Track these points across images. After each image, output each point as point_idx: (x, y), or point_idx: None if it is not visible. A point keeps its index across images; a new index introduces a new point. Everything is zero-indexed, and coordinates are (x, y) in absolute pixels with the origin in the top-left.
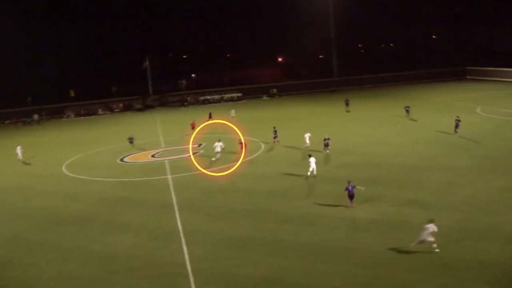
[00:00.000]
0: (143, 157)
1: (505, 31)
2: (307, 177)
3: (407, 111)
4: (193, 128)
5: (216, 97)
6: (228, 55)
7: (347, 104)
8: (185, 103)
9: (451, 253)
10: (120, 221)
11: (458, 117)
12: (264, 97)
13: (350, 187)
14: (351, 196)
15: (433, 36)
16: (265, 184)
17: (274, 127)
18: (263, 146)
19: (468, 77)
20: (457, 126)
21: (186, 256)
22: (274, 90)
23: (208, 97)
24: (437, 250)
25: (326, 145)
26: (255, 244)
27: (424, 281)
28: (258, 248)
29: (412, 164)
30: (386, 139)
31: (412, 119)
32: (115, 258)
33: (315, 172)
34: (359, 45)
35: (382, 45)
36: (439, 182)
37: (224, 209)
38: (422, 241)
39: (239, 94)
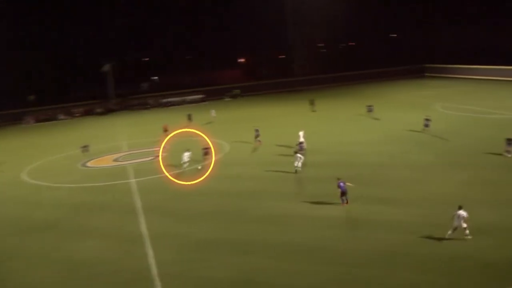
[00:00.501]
0: (106, 161)
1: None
2: (296, 171)
3: (370, 110)
4: (166, 131)
5: (178, 99)
6: (189, 57)
7: (312, 104)
8: (148, 106)
9: (420, 248)
10: (85, 227)
11: (428, 116)
12: (226, 99)
13: (341, 183)
14: (343, 193)
15: (393, 35)
16: (233, 185)
17: (256, 128)
18: (228, 147)
19: (426, 74)
20: (426, 125)
21: (153, 260)
22: (237, 91)
23: (170, 99)
24: (469, 237)
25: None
26: (224, 245)
27: (391, 276)
28: (227, 250)
29: (377, 162)
30: (352, 138)
31: (375, 118)
32: (80, 264)
33: (297, 168)
34: (320, 45)
35: (343, 44)
36: (405, 179)
37: (190, 211)
38: (456, 228)
39: (202, 96)
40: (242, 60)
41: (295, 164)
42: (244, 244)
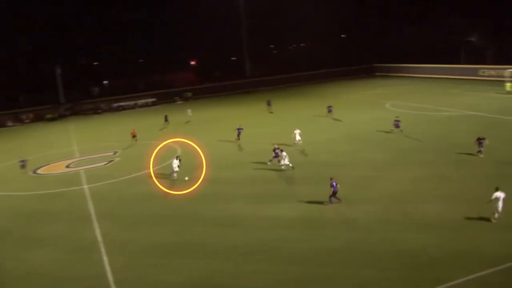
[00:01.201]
0: (58, 168)
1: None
2: (290, 168)
3: (330, 111)
4: (134, 136)
5: (130, 103)
6: (140, 60)
7: (269, 105)
8: (99, 111)
9: (371, 245)
10: (37, 236)
11: (397, 117)
12: (178, 101)
13: (334, 183)
14: (335, 193)
15: (342, 35)
16: (185, 188)
17: (239, 127)
18: (179, 150)
19: (376, 74)
20: (397, 126)
21: (108, 267)
22: (189, 94)
23: (122, 103)
24: (494, 220)
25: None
26: (179, 249)
27: (348, 274)
28: (183, 253)
29: (329, 160)
30: (309, 138)
31: (331, 118)
32: (33, 274)
33: (290, 164)
34: (271, 46)
35: (294, 45)
36: (358, 177)
37: (144, 216)
38: (498, 210)
39: (154, 99)
40: (194, 62)
41: (282, 162)
42: (200, 247)
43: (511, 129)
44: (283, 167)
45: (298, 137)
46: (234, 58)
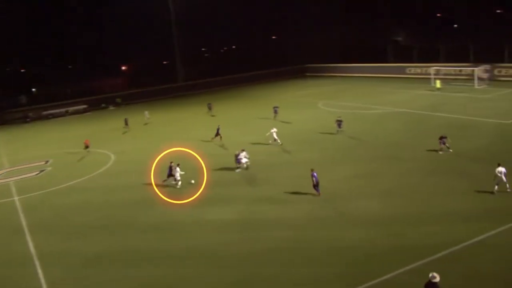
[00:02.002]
0: None
1: (335, 30)
2: (244, 168)
3: (275, 111)
4: (87, 147)
5: (61, 111)
6: (69, 67)
7: (210, 109)
8: (28, 119)
9: (308, 243)
10: None
11: (339, 117)
12: (111, 107)
13: (314, 173)
14: (316, 184)
15: (273, 37)
16: (121, 195)
17: (218, 127)
18: (112, 157)
19: (307, 74)
20: (339, 126)
21: (43, 280)
22: (119, 100)
23: (52, 111)
24: (509, 190)
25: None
26: (117, 258)
27: (286, 274)
28: (120, 262)
29: (262, 161)
30: (236, 139)
31: (263, 118)
32: None
33: (246, 164)
34: (203, 49)
35: (225, 48)
36: (292, 177)
37: (79, 226)
38: (498, 184)
39: (85, 106)
40: (125, 67)
41: (240, 163)
42: (138, 254)
43: (437, 124)
44: (237, 170)
45: (275, 136)
46: (166, 62)
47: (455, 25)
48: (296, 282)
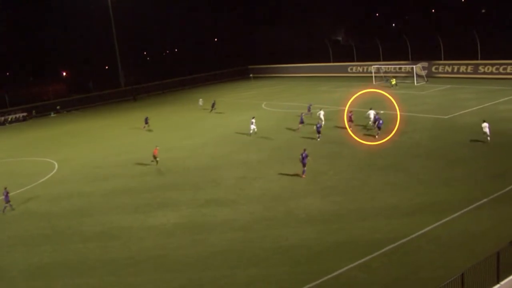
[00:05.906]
0: None
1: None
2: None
3: (146, 122)
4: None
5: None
6: (7, 73)
7: (146, 123)
8: None
9: (254, 244)
10: None
11: (303, 113)
12: (52, 114)
13: (304, 154)
14: (303, 164)
15: (216, 39)
16: (62, 204)
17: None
18: (56, 165)
19: (251, 75)
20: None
21: None
22: (58, 107)
23: None
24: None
25: None
26: (60, 269)
27: (234, 275)
28: (64, 273)
29: (205, 164)
30: (177, 143)
31: (204, 121)
32: None
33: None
34: (144, 53)
35: (167, 51)
36: (234, 179)
37: (19, 238)
38: (486, 133)
39: (25, 114)
40: (65, 73)
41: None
42: (81, 264)
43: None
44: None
45: (253, 126)
46: (107, 67)
47: (393, 24)
48: (244, 283)
